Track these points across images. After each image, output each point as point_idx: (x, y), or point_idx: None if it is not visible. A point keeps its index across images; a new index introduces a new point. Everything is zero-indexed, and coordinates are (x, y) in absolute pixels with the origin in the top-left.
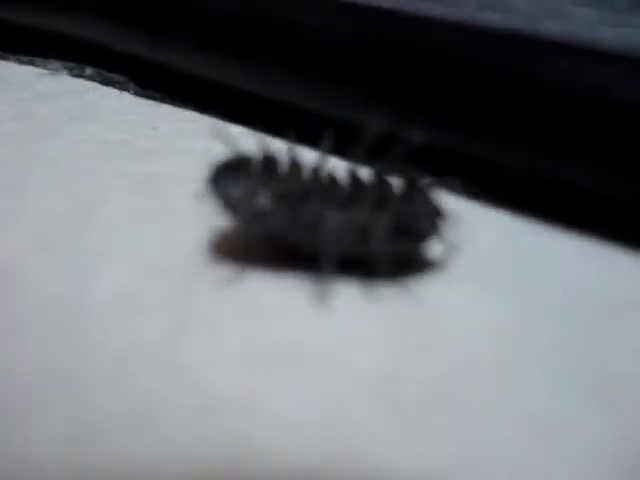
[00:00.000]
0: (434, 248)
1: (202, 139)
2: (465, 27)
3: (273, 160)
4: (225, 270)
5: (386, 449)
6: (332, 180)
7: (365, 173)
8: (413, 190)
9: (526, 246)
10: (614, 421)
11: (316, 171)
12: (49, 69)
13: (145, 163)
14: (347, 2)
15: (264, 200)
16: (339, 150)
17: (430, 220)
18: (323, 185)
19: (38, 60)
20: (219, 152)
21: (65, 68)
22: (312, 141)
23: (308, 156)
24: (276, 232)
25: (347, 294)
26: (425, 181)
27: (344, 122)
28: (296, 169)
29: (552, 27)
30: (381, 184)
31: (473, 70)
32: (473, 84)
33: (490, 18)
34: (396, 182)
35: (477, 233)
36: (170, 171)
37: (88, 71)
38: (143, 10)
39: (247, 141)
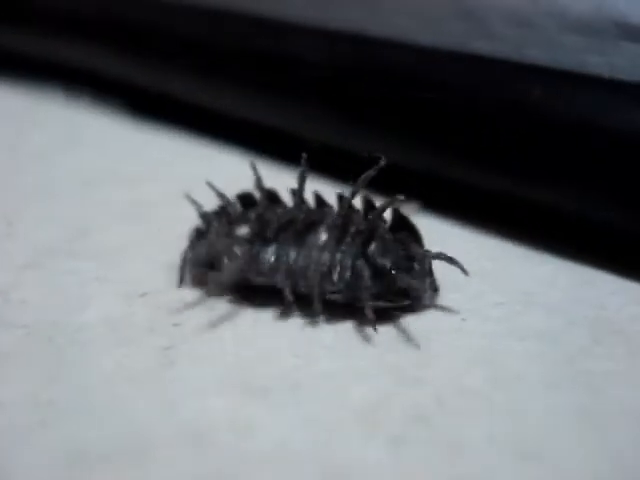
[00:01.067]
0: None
1: (194, 166)
2: (453, 55)
3: (250, 200)
4: (214, 299)
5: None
6: (315, 215)
7: (352, 200)
8: (401, 224)
9: (513, 271)
10: (604, 449)
11: (299, 205)
12: (44, 95)
13: (137, 190)
14: (338, 31)
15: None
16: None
17: (419, 278)
18: (305, 223)
19: (33, 86)
20: (211, 180)
21: (60, 94)
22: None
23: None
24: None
25: (338, 325)
26: (411, 207)
27: (336, 149)
28: (275, 208)
29: (539, 54)
30: (370, 216)
31: (462, 97)
32: (461, 110)
33: (478, 46)
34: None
35: (463, 259)
36: (160, 198)
37: (83, 97)
38: (138, 38)
39: (239, 170)
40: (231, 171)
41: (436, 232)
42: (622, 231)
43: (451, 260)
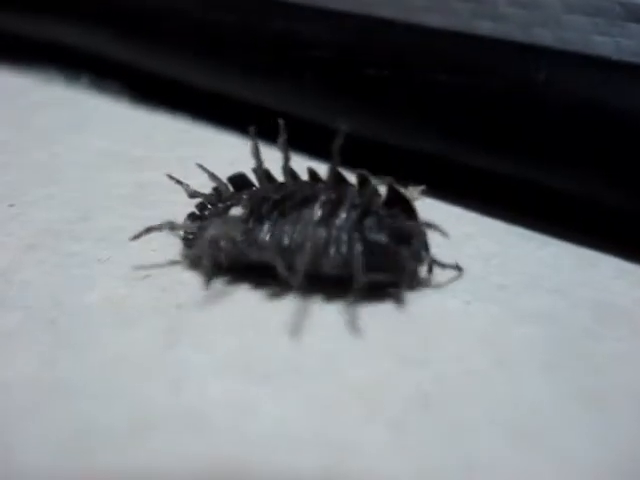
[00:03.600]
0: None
1: (195, 148)
2: (459, 35)
3: (244, 181)
4: (215, 281)
5: (380, 461)
6: (312, 190)
7: (349, 177)
8: (395, 199)
9: (517, 253)
10: (606, 431)
11: (296, 182)
12: (45, 78)
13: (139, 172)
14: (342, 11)
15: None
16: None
17: (413, 255)
18: (302, 197)
19: (34, 69)
20: (213, 162)
21: (61, 77)
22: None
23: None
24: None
25: (337, 307)
26: (410, 191)
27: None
28: (270, 186)
29: (545, 35)
30: (365, 191)
31: (467, 77)
32: (467, 91)
33: (484, 26)
34: (380, 188)
35: (467, 241)
36: (163, 180)
37: (83, 80)
38: (139, 19)
39: (241, 152)
40: (232, 153)
41: (438, 214)
42: (626, 213)
43: (431, 226)
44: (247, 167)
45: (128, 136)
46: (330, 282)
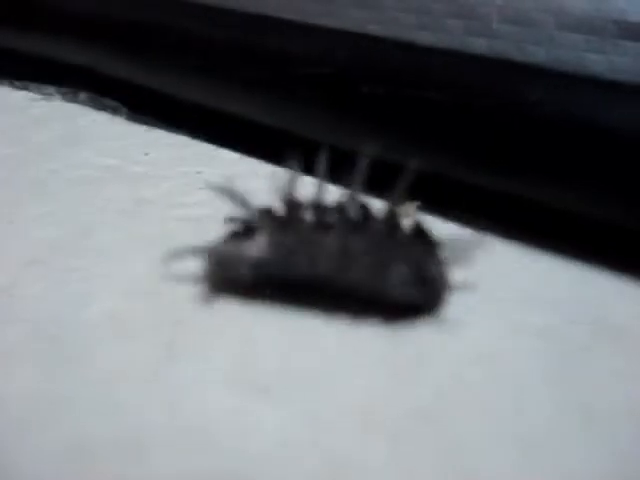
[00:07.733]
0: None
1: (194, 164)
2: (453, 53)
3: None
4: (214, 296)
5: (379, 475)
6: (337, 212)
7: (371, 205)
8: (421, 232)
9: (513, 268)
10: (603, 446)
11: (315, 205)
12: (43, 94)
13: (137, 188)
14: (336, 29)
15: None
16: (335, 177)
17: (439, 271)
18: (327, 220)
19: (32, 85)
20: (211, 178)
21: (58, 93)
22: (307, 168)
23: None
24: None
25: (339, 322)
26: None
27: (337, 149)
28: (294, 207)
29: (539, 53)
30: (388, 218)
31: (460, 96)
32: (461, 110)
33: (477, 44)
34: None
35: (467, 258)
36: (162, 196)
37: (81, 96)
38: (136, 36)
39: (239, 168)
40: (230, 169)
41: (434, 229)
42: (621, 230)
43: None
44: (245, 183)
45: (126, 152)
46: (332, 299)
